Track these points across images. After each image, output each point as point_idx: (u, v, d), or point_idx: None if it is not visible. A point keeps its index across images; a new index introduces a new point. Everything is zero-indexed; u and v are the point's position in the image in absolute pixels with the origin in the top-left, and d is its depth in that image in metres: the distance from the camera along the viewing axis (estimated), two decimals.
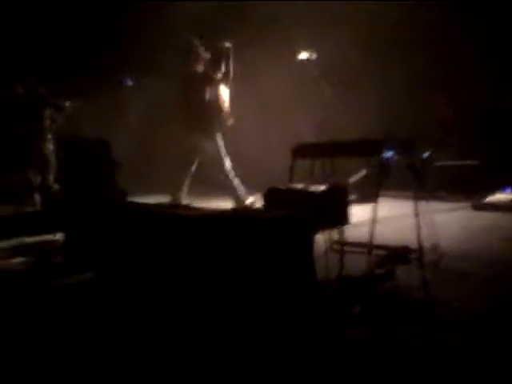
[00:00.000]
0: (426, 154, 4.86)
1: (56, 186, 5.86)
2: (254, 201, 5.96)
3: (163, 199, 6.01)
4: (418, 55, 7.46)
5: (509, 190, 5.89)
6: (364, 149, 4.40)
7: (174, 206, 3.34)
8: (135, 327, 2.65)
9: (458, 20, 6.93)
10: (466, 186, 6.07)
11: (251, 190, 6.44)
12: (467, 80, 6.93)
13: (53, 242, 4.76)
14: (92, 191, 4.43)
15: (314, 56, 7.08)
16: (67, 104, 6.45)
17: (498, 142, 5.89)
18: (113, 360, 2.46)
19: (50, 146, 6.18)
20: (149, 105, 9.38)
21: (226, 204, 6.15)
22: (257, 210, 3.42)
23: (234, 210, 3.02)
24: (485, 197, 5.80)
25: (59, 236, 4.93)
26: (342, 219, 4.01)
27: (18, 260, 4.48)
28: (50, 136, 6.24)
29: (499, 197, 5.79)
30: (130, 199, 4.90)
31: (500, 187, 5.79)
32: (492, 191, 5.85)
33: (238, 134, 8.75)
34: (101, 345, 2.56)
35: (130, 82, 10.69)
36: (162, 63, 9.24)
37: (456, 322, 2.89)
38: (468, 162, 6.22)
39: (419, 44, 7.45)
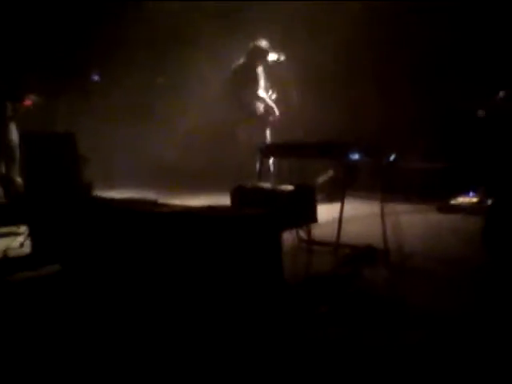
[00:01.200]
0: (392, 157, 4.92)
1: (19, 179, 5.74)
2: None
3: (129, 194, 5.96)
4: (387, 56, 7.53)
5: (472, 193, 6.02)
6: (330, 150, 4.44)
7: (143, 201, 3.31)
8: (101, 319, 2.61)
9: (427, 21, 7.03)
10: (431, 189, 6.16)
11: (218, 188, 6.43)
12: (435, 82, 7.04)
13: None
14: (55, 185, 4.35)
15: (283, 58, 7.12)
16: (31, 98, 6.34)
17: (463, 146, 5.99)
18: (75, 354, 2.42)
19: (13, 138, 6.05)
20: (116, 101, 9.28)
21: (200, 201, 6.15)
22: (226, 208, 3.41)
23: (208, 208, 3.00)
24: (449, 199, 5.90)
25: (23, 228, 4.84)
26: (309, 218, 4.04)
27: None
28: (13, 128, 6.12)
29: (463, 199, 5.90)
30: (95, 193, 4.83)
31: (464, 190, 5.89)
32: (456, 194, 5.96)
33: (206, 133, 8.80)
34: (64, 337, 2.51)
35: (96, 78, 10.55)
36: (131, 59, 9.15)
37: (421, 322, 2.93)
38: (434, 165, 6.31)
39: (388, 45, 7.53)
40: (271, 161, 6.49)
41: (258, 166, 4.91)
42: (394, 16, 7.40)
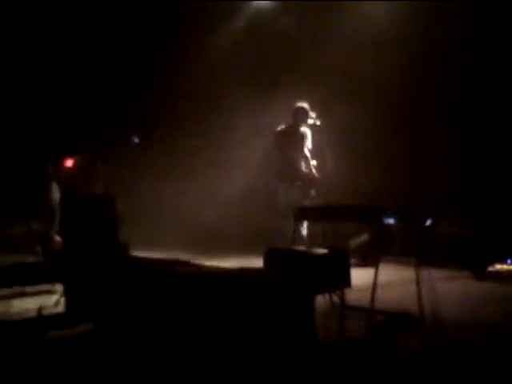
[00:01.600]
0: (428, 222, 4.89)
1: (58, 238, 5.88)
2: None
3: (165, 254, 6.02)
4: (420, 122, 7.59)
5: (510, 261, 5.88)
6: (365, 214, 4.45)
7: (175, 261, 3.34)
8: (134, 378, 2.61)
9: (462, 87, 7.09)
10: (468, 255, 6.05)
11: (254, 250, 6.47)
12: (471, 147, 7.05)
13: None
14: (92, 244, 4.45)
15: (319, 122, 7.27)
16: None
17: (497, 212, 5.91)
18: None
19: (54, 197, 6.24)
20: (157, 163, 9.51)
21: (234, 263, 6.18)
22: (257, 270, 3.42)
23: (240, 270, 3.02)
24: (486, 266, 5.77)
25: (58, 287, 4.91)
26: (342, 282, 4.01)
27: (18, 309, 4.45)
28: (55, 187, 6.31)
29: (501, 266, 5.77)
30: (132, 253, 4.90)
31: (502, 257, 5.76)
32: (493, 261, 5.83)
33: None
34: None
35: (136, 140, 10.90)
36: (172, 122, 9.42)
37: None
38: (470, 231, 6.21)
39: (429, 118, 7.61)
40: (305, 224, 6.51)
41: (292, 229, 4.93)
42: (430, 79, 7.50)
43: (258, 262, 4.21)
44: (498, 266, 5.81)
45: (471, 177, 6.51)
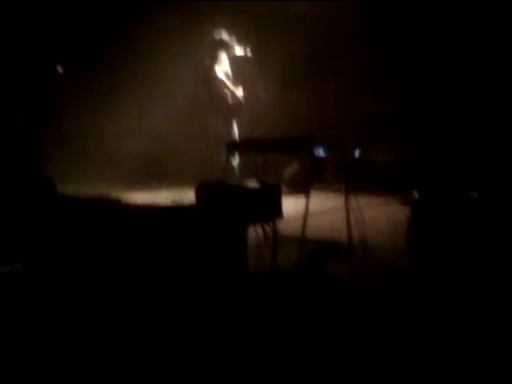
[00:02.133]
0: (356, 152, 4.96)
1: None
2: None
3: (96, 189, 5.89)
4: (348, 55, 7.60)
5: None
6: (294, 145, 4.47)
7: (105, 199, 3.27)
8: (65, 319, 2.58)
9: (391, 21, 7.12)
10: (396, 182, 6.23)
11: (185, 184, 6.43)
12: (398, 78, 7.14)
13: None
14: (14, 182, 4.27)
15: (250, 53, 7.14)
16: None
17: (427, 140, 6.06)
18: (39, 353, 2.39)
19: None
20: (81, 94, 9.12)
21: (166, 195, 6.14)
22: (190, 205, 3.39)
23: (171, 206, 2.99)
24: (412, 192, 5.97)
25: None
26: (274, 213, 4.05)
27: None
28: None
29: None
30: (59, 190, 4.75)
31: (427, 183, 5.96)
32: (418, 186, 6.03)
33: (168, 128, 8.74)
34: (26, 337, 2.48)
35: (60, 70, 10.33)
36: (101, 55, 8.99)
37: (381, 315, 2.99)
38: (398, 158, 6.38)
39: (349, 44, 7.59)
40: (236, 156, 6.51)
41: (224, 161, 4.90)
42: (359, 16, 7.47)
43: (190, 195, 4.19)
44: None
45: (403, 104, 6.62)
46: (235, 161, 6.56)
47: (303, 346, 2.61)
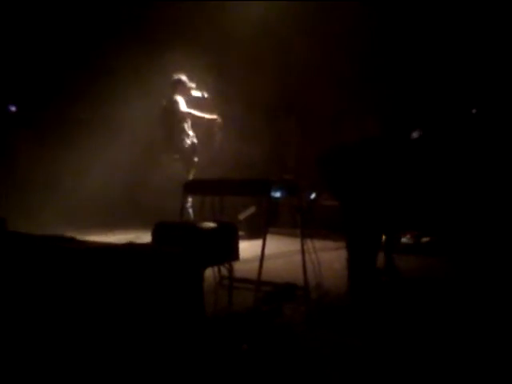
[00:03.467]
0: (312, 195, 5.04)
1: None
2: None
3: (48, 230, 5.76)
4: (309, 95, 7.77)
5: None
6: (253, 188, 4.52)
7: (58, 237, 3.20)
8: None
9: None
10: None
11: (141, 226, 6.36)
12: (355, 121, 7.32)
13: None
14: None
15: (206, 95, 7.23)
16: None
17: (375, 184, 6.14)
18: None
19: None
20: (36, 133, 9.01)
21: (121, 238, 6.04)
22: (146, 245, 3.36)
23: (126, 245, 2.95)
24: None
25: None
26: (230, 255, 4.04)
27: None
28: None
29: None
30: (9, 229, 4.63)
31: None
32: None
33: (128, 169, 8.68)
34: None
35: (13, 108, 10.19)
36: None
37: (336, 359, 3.00)
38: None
39: (307, 89, 7.78)
40: (189, 199, 6.51)
41: (181, 202, 4.89)
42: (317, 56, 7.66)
43: (146, 237, 4.15)
44: None
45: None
46: (189, 203, 6.55)
47: None
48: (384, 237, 5.03)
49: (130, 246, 2.91)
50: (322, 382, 2.67)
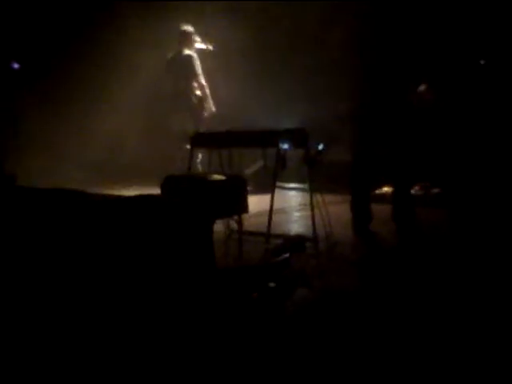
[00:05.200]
0: (320, 147, 4.98)
1: None
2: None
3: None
4: (314, 50, 7.62)
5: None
6: (260, 139, 4.49)
7: (70, 191, 3.20)
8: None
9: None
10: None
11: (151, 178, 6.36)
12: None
13: None
14: None
15: (211, 47, 7.12)
16: None
17: (387, 139, 6.10)
18: None
19: None
20: (41, 91, 8.91)
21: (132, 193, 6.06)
22: (156, 197, 3.35)
23: (136, 197, 2.94)
24: (373, 190, 6.05)
25: None
26: (240, 208, 4.05)
27: None
28: None
29: (386, 189, 6.08)
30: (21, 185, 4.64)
31: (389, 180, 6.01)
32: (382, 184, 6.12)
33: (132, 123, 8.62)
34: None
35: (16, 66, 10.10)
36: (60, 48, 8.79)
37: (345, 309, 3.04)
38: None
39: (314, 40, 7.62)
40: (199, 153, 6.50)
41: (188, 155, 4.86)
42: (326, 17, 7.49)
43: (156, 191, 4.15)
44: (385, 189, 6.12)
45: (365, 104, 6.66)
46: (199, 157, 6.53)
47: (273, 337, 2.62)
48: (393, 188, 5.05)
49: (141, 197, 2.91)
50: (332, 337, 2.70)
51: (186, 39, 7.00)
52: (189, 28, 7.02)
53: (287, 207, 5.93)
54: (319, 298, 3.19)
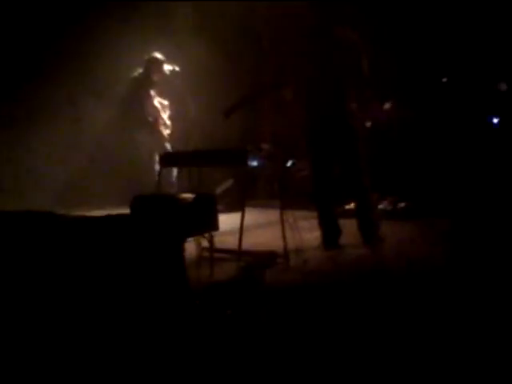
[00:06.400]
0: (289, 163, 5.04)
1: None
2: None
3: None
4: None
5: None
6: (230, 158, 4.51)
7: (38, 212, 3.16)
8: None
9: None
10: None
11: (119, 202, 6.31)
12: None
13: None
14: None
15: (177, 68, 7.18)
16: None
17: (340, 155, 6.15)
18: None
19: None
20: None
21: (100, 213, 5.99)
22: (126, 217, 3.34)
23: (106, 217, 2.92)
24: (343, 204, 6.10)
25: None
26: (210, 225, 4.04)
27: None
28: None
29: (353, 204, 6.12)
30: None
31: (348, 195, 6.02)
32: (347, 200, 6.14)
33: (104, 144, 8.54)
34: None
35: None
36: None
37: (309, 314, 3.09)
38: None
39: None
40: (174, 171, 6.51)
41: (157, 175, 4.86)
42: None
43: (125, 211, 4.11)
44: (352, 204, 6.16)
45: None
46: (173, 176, 6.56)
47: (246, 350, 2.61)
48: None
49: (109, 218, 2.89)
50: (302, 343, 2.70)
51: (156, 67, 7.09)
52: (159, 56, 7.11)
53: (258, 224, 5.94)
54: (292, 311, 3.19)
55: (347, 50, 4.74)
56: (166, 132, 7.15)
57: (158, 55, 7.12)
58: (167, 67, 7.11)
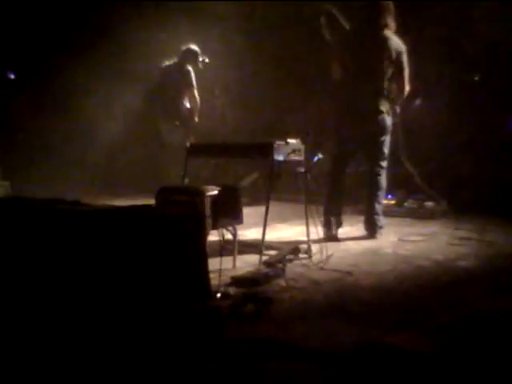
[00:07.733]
0: (315, 158, 5.01)
1: None
2: None
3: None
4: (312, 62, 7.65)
5: (391, 196, 6.23)
6: (255, 151, 4.51)
7: (62, 201, 3.20)
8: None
9: None
10: (353, 191, 6.25)
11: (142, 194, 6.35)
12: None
13: None
14: None
15: (207, 60, 7.20)
16: None
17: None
18: None
19: None
20: (36, 100, 8.87)
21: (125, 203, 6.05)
22: (150, 207, 3.35)
23: (131, 207, 2.93)
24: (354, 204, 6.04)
25: None
26: (235, 218, 4.06)
27: None
28: None
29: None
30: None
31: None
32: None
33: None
34: None
35: (11, 76, 10.08)
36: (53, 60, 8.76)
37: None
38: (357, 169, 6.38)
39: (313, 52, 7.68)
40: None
41: (183, 166, 4.86)
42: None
43: (150, 202, 4.14)
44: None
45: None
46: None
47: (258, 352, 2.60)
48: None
49: (134, 208, 2.90)
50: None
51: (191, 58, 7.13)
52: (196, 48, 7.16)
53: (282, 218, 5.94)
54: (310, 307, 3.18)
55: (395, 57, 4.97)
56: (196, 122, 7.20)
57: (194, 47, 7.17)
58: (201, 58, 7.18)
